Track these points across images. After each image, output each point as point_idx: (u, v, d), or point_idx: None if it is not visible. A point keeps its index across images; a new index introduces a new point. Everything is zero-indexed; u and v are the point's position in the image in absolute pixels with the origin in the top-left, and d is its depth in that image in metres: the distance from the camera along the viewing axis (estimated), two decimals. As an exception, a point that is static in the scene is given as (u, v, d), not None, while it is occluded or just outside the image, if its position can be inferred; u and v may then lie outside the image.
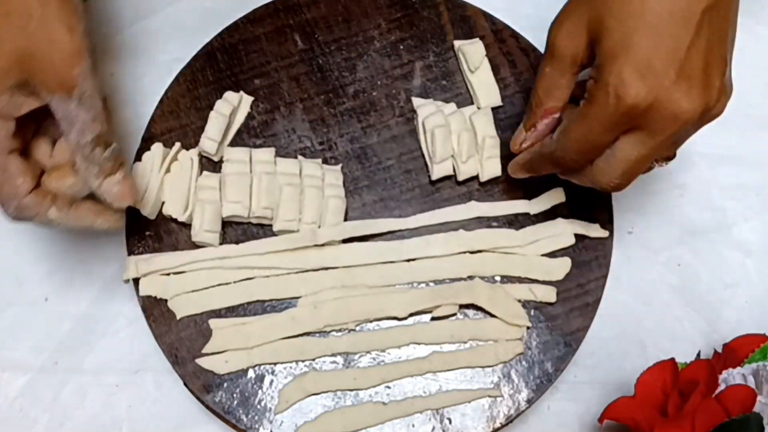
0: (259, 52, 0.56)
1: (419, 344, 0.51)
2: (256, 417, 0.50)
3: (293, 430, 0.50)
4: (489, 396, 0.51)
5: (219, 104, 0.53)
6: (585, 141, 0.42)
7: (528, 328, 0.52)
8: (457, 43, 0.56)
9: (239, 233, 0.53)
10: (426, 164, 0.54)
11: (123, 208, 0.46)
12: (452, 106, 0.54)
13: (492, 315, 0.52)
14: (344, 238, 0.52)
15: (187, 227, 0.52)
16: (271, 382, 0.51)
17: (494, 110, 0.55)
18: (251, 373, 0.51)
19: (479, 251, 0.53)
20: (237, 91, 0.54)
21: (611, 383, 0.54)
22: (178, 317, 0.51)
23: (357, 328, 0.51)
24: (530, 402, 0.51)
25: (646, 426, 0.46)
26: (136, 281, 0.51)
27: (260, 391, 0.50)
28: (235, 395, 0.50)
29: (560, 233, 0.53)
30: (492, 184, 0.54)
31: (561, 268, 0.52)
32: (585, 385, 0.54)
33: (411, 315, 0.52)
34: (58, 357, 0.54)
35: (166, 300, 0.51)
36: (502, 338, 0.51)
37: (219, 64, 0.55)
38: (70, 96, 0.41)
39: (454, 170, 0.53)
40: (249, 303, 0.52)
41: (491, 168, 0.53)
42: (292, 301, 0.52)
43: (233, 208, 0.51)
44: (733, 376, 0.48)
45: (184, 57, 0.55)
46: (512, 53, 0.56)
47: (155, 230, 0.53)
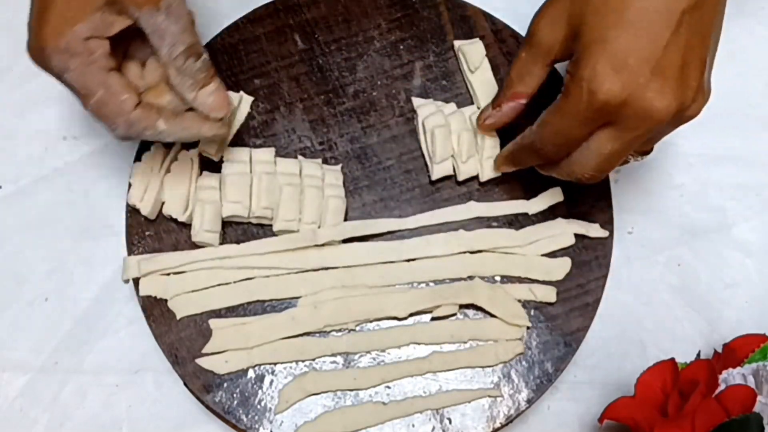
0: (259, 52, 0.56)
1: (419, 344, 0.51)
2: (256, 417, 0.50)
3: (293, 430, 0.50)
4: (489, 396, 0.51)
5: (219, 104, 0.53)
6: (560, 134, 0.43)
7: (528, 328, 0.52)
8: (457, 43, 0.56)
9: (239, 233, 0.53)
10: (426, 164, 0.54)
11: (219, 118, 0.47)
12: (452, 106, 0.54)
13: (492, 315, 0.52)
14: (344, 238, 0.52)
15: (187, 227, 0.52)
16: (271, 382, 0.51)
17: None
18: (251, 373, 0.51)
19: (479, 251, 0.53)
20: (237, 91, 0.54)
21: (611, 383, 0.54)
22: (178, 317, 0.51)
23: (357, 328, 0.51)
24: (530, 402, 0.51)
25: (646, 426, 0.46)
26: (136, 281, 0.51)
27: (260, 391, 0.50)
28: (235, 395, 0.50)
29: (560, 233, 0.53)
30: (492, 185, 0.54)
31: (561, 268, 0.52)
32: (585, 385, 0.55)
33: (411, 315, 0.52)
34: (58, 357, 0.54)
35: (166, 300, 0.51)
36: (502, 338, 0.51)
37: (219, 64, 0.55)
38: (158, 8, 0.42)
39: (454, 170, 0.53)
40: (249, 303, 0.52)
41: (491, 168, 0.53)
42: (292, 301, 0.52)
43: (233, 208, 0.51)
44: (733, 376, 0.48)
45: (185, 57, 0.56)
46: (512, 53, 0.56)
47: (155, 230, 0.53)
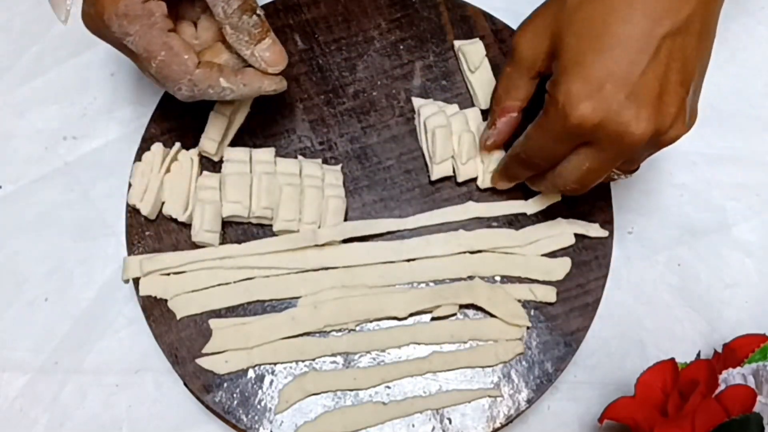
0: (259, 52, 0.56)
1: (419, 344, 0.51)
2: (256, 417, 0.50)
3: (293, 430, 0.50)
4: (489, 396, 0.51)
5: (219, 104, 0.53)
6: (542, 148, 0.44)
7: (528, 328, 0.52)
8: (457, 43, 0.56)
9: (239, 233, 0.53)
10: (426, 164, 0.54)
11: (277, 72, 0.47)
12: (454, 107, 0.54)
13: (492, 315, 0.51)
14: (344, 238, 0.52)
15: (187, 227, 0.52)
16: (271, 382, 0.51)
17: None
18: (251, 373, 0.51)
19: (479, 251, 0.53)
20: (237, 91, 0.54)
21: (611, 383, 0.54)
22: (178, 317, 0.51)
23: (357, 328, 0.51)
24: (530, 402, 0.51)
25: (646, 426, 0.46)
26: (136, 281, 0.51)
27: (260, 391, 0.50)
28: (235, 395, 0.50)
29: (560, 233, 0.53)
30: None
31: (561, 268, 0.52)
32: (585, 385, 0.54)
33: (411, 315, 0.51)
34: (58, 357, 0.54)
35: (166, 300, 0.51)
36: (502, 338, 0.51)
37: (219, 64, 0.55)
38: None
39: (454, 171, 0.53)
40: (249, 303, 0.52)
41: (490, 180, 0.53)
42: (292, 301, 0.52)
43: (233, 208, 0.51)
44: (733, 376, 0.48)
45: (185, 57, 0.56)
46: (512, 53, 0.56)
47: (155, 230, 0.53)
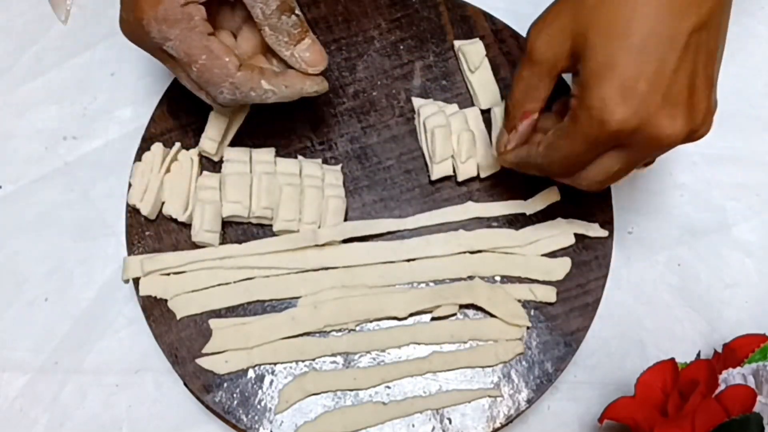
0: (259, 52, 0.56)
1: (419, 344, 0.51)
2: (256, 417, 0.50)
3: (293, 430, 0.50)
4: (489, 396, 0.51)
5: (219, 104, 0.53)
6: (569, 157, 0.43)
7: (528, 328, 0.52)
8: (457, 43, 0.56)
9: (239, 233, 0.53)
10: (426, 164, 0.54)
11: (318, 72, 0.47)
12: (454, 107, 0.54)
13: (492, 315, 0.51)
14: (344, 238, 0.52)
15: (187, 227, 0.52)
16: (271, 382, 0.51)
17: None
18: (251, 373, 0.51)
19: (479, 251, 0.53)
20: (237, 91, 0.54)
21: (611, 383, 0.54)
22: (178, 317, 0.51)
23: (357, 328, 0.51)
24: (530, 402, 0.51)
25: (646, 426, 0.46)
26: (136, 281, 0.51)
27: (260, 391, 0.50)
28: (235, 395, 0.50)
29: (560, 233, 0.53)
30: (491, 184, 0.54)
31: (561, 268, 0.52)
32: (585, 385, 0.54)
33: (411, 315, 0.51)
34: (58, 357, 0.54)
35: (166, 300, 0.51)
36: (502, 338, 0.51)
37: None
38: None
39: (454, 170, 0.53)
40: (249, 303, 0.52)
41: (490, 166, 0.53)
42: (292, 301, 0.52)
43: (233, 208, 0.51)
44: (733, 376, 0.48)
45: (185, 57, 0.55)
46: (512, 53, 0.56)
47: (155, 230, 0.53)
